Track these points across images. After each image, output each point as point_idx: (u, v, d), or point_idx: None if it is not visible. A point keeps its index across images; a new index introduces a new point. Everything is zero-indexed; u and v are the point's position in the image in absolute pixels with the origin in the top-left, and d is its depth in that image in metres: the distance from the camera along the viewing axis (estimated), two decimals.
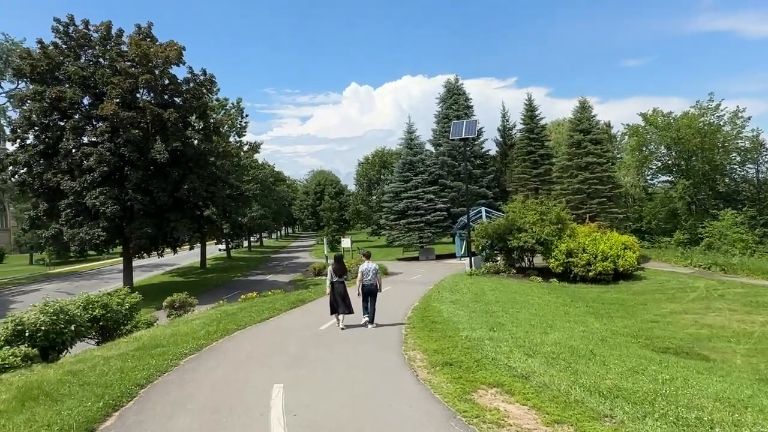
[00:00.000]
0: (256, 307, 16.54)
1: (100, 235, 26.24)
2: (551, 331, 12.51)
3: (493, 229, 31.14)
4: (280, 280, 37.78)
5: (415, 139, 50.59)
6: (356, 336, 11.41)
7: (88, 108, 28.92)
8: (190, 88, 30.30)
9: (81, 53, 29.40)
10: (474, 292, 20.11)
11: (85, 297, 12.99)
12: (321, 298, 20.02)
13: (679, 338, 15.83)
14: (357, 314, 12.63)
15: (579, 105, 41.46)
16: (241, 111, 48.20)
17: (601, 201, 38.14)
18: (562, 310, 18.56)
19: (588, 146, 39.08)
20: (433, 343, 10.09)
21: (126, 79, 27.12)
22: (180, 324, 13.58)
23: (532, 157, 48.75)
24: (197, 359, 9.29)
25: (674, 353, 13.62)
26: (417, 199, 46.97)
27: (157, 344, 10.36)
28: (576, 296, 24.04)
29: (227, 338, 11.48)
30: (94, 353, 10.11)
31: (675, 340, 15.42)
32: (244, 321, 13.54)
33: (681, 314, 20.51)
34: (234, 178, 37.29)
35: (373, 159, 71.92)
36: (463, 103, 52.50)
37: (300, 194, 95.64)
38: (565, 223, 31.25)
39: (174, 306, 16.58)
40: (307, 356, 9.32)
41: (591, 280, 29.13)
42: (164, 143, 27.20)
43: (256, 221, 56.77)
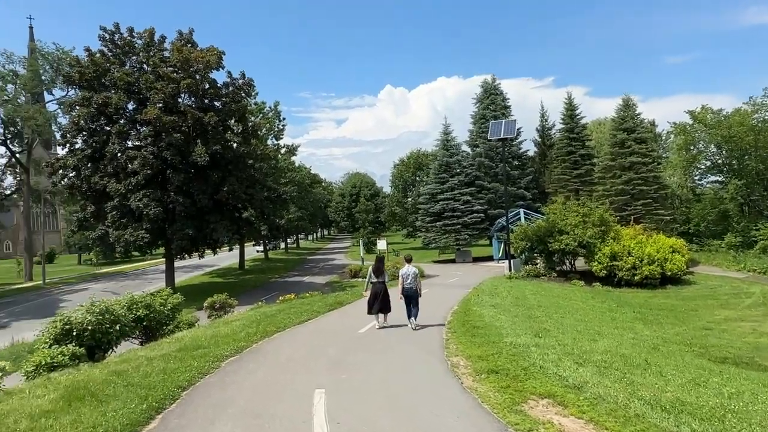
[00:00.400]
0: (295, 308, 16.53)
1: (143, 237, 26.94)
2: (599, 338, 11.96)
3: (533, 232, 30.38)
4: (316, 281, 37.95)
5: (452, 140, 50.09)
6: (396, 339, 11.18)
7: (132, 113, 29.79)
8: (229, 92, 30.83)
9: (126, 60, 30.33)
10: (515, 296, 19.56)
11: (129, 297, 13.23)
12: (359, 300, 19.92)
13: (737, 347, 14.93)
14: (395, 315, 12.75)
15: (622, 103, 40.14)
16: (278, 114, 48.86)
17: (647, 202, 36.78)
18: (608, 315, 17.83)
19: (632, 145, 37.76)
20: (476, 348, 9.75)
21: (168, 84, 27.79)
22: (220, 325, 13.66)
23: (573, 157, 47.52)
24: (238, 361, 9.25)
25: (733, 363, 12.83)
26: (453, 201, 46.45)
27: (199, 345, 10.39)
28: (622, 301, 23.13)
29: (267, 340, 11.44)
30: (138, 353, 10.21)
31: (732, 350, 14.55)
32: (283, 323, 13.50)
33: (736, 321, 19.42)
34: (271, 180, 37.73)
35: (409, 161, 71.63)
36: (500, 103, 51.71)
37: (336, 196, 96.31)
38: (609, 226, 30.20)
39: (214, 307, 16.76)
40: (347, 360, 9.15)
41: (636, 284, 28.06)
42: (204, 146, 27.72)
43: (293, 223, 57.34)
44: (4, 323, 26.37)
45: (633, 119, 39.17)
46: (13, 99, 43.85)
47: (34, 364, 9.46)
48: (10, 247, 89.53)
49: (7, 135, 45.43)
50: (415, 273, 12.70)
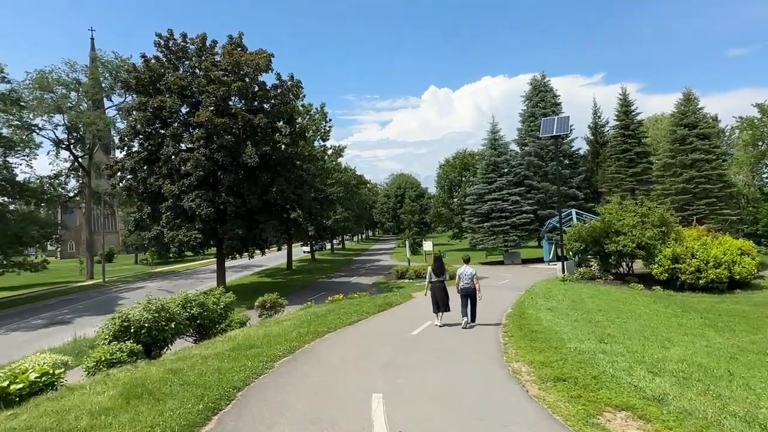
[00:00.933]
0: (344, 309, 16.38)
1: (196, 237, 27.60)
2: (670, 346, 11.13)
3: (587, 232, 29.17)
4: (363, 282, 37.88)
5: (499, 139, 48.98)
6: (451, 342, 10.78)
7: (185, 116, 30.60)
8: (277, 94, 31.20)
9: (179, 65, 31.20)
10: (571, 299, 18.72)
11: (183, 296, 13.40)
12: (408, 301, 19.61)
13: None
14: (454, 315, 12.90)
15: (683, 97, 38.05)
16: (324, 116, 49.22)
17: (710, 202, 34.69)
18: (674, 321, 16.73)
19: (694, 142, 35.72)
20: (537, 354, 9.23)
21: (219, 87, 28.36)
22: (271, 324, 13.64)
23: (628, 155, 45.47)
24: (291, 362, 9.09)
25: None
26: (502, 201, 45.39)
27: (252, 345, 10.33)
28: (686, 306, 21.74)
29: (318, 341, 11.27)
30: (192, 351, 10.25)
31: None
32: (333, 323, 13.34)
33: None
34: (318, 181, 37.95)
35: (454, 161, 70.66)
36: (550, 101, 50.22)
37: (380, 197, 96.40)
38: (670, 226, 28.61)
39: (265, 306, 16.83)
40: (402, 363, 8.82)
41: (701, 288, 26.41)
42: (254, 148, 28.10)
43: (340, 223, 57.64)
44: (67, 319, 27.59)
45: (694, 114, 37.04)
46: (75, 106, 46.15)
47: (95, 359, 9.63)
48: (74, 247, 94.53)
49: (71, 140, 47.87)
50: (471, 273, 12.87)
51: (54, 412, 6.11)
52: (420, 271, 35.22)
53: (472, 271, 12.95)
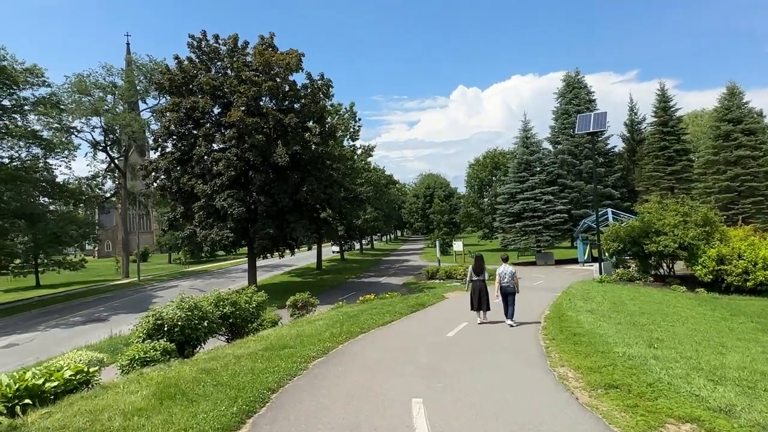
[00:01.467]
0: (376, 309, 16.09)
1: (228, 236, 27.78)
2: (726, 351, 10.43)
3: (625, 232, 28.16)
4: (393, 282, 37.57)
5: (531, 137, 47.97)
6: (489, 345, 10.35)
7: (217, 116, 30.88)
8: (308, 93, 31.16)
9: (211, 66, 31.52)
10: (611, 301, 17.97)
11: (216, 294, 13.32)
12: (441, 302, 19.21)
13: None
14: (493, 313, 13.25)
15: (726, 92, 36.46)
16: (353, 115, 49.10)
17: (757, 200, 33.12)
18: (724, 325, 15.83)
19: (739, 138, 34.18)
20: (583, 359, 8.73)
21: (251, 87, 28.48)
22: (303, 324, 13.44)
23: (666, 152, 43.90)
24: (325, 363, 8.82)
25: None
26: (534, 201, 44.46)
27: (285, 345, 10.13)
28: (734, 309, 20.65)
29: (352, 341, 11.00)
30: (225, 351, 10.11)
31: None
32: (366, 324, 13.07)
33: None
34: (348, 181, 37.83)
35: (485, 160, 69.68)
36: (584, 97, 48.96)
37: (409, 197, 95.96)
38: (714, 226, 27.35)
39: (297, 306, 16.68)
40: (440, 367, 8.45)
41: (748, 291, 25.10)
42: (285, 147, 28.12)
43: (369, 223, 57.47)
44: (104, 317, 28.14)
45: (739, 109, 35.43)
46: (112, 108, 47.24)
47: (129, 358, 9.56)
48: (110, 247, 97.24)
49: (107, 142, 49.03)
50: (512, 272, 13.19)
51: (87, 411, 5.98)
52: (450, 272, 34.77)
53: (512, 270, 13.23)
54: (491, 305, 13.55)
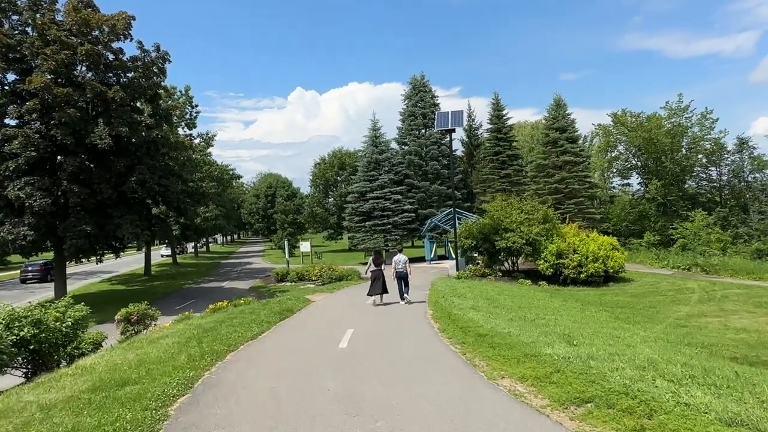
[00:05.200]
0: (236, 318, 13.25)
1: (26, 235, 21.65)
2: (633, 344, 10.07)
3: (478, 229, 28.92)
4: (238, 287, 33.97)
5: (381, 137, 47.91)
6: (396, 356, 8.50)
7: (12, 84, 24.26)
8: (138, 66, 26.05)
9: (4, 20, 24.68)
10: (483, 297, 17.56)
11: (7, 311, 9.31)
12: (309, 306, 16.97)
13: (731, 346, 13.90)
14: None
15: (554, 103, 40.26)
16: (190, 100, 43.63)
17: (579, 201, 36.97)
18: (587, 316, 16.33)
19: (564, 144, 37.92)
20: (517, 365, 7.43)
21: (61, 50, 22.75)
22: (144, 345, 10.13)
23: (500, 157, 47.21)
24: (194, 407, 6.05)
25: (748, 363, 11.60)
26: (384, 200, 44.30)
27: (123, 379, 7.05)
28: (579, 299, 22.09)
29: (221, 365, 8.26)
30: (23, 397, 6.67)
31: (731, 348, 13.48)
32: (231, 338, 10.30)
33: (701, 317, 18.87)
34: (187, 173, 33.11)
35: (331, 159, 68.50)
36: (429, 101, 50.52)
37: (249, 197, 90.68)
38: (553, 223, 29.50)
39: (130, 320, 12.91)
40: (359, 393, 6.33)
41: (582, 282, 27.45)
42: (108, 127, 23.02)
43: (211, 222, 51.94)
44: None
45: (564, 119, 39.43)
46: None
47: None
48: None
49: None
50: (405, 260, 15.99)
51: None
52: (303, 273, 32.64)
53: (405, 258, 16.02)
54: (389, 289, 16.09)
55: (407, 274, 15.76)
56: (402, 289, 15.85)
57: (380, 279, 15.60)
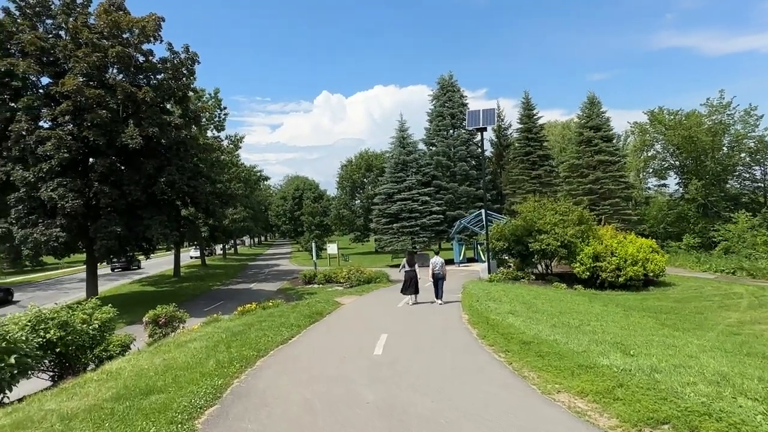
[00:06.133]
0: (266, 322, 12.82)
1: (58, 236, 21.77)
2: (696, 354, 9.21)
3: (510, 231, 28.00)
4: (266, 289, 33.78)
5: (408, 138, 47.28)
6: (437, 365, 7.89)
7: (46, 87, 24.53)
8: (168, 67, 26.06)
9: (38, 23, 25.01)
10: (520, 302, 16.77)
11: (34, 313, 9.04)
12: (339, 310, 16.47)
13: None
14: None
15: (587, 101, 38.98)
16: (219, 103, 43.86)
17: (614, 202, 35.62)
18: (633, 322, 15.36)
19: (599, 143, 36.63)
20: (573, 378, 6.76)
21: (93, 52, 22.87)
22: (172, 348, 9.76)
23: (531, 158, 46.06)
24: (222, 418, 5.58)
25: None
26: (411, 201, 43.61)
27: (149, 387, 6.63)
28: (620, 304, 21.04)
29: (251, 372, 7.80)
30: (45, 405, 6.30)
31: None
32: (260, 343, 9.85)
33: (755, 324, 17.67)
34: (215, 174, 33.11)
35: (358, 161, 68.17)
36: (458, 101, 49.57)
37: (276, 199, 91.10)
38: (589, 225, 28.40)
39: (158, 322, 12.62)
40: (401, 406, 5.75)
41: (620, 286, 26.30)
42: (138, 128, 23.03)
43: (239, 224, 52.07)
44: None
45: (599, 117, 38.12)
46: None
47: None
48: None
49: None
50: (441, 262, 16.58)
51: None
52: (330, 275, 32.29)
53: (442, 260, 16.64)
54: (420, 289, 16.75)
55: (444, 276, 16.48)
56: (438, 289, 16.50)
57: (413, 279, 16.23)
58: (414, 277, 16.27)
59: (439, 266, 16.39)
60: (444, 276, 16.53)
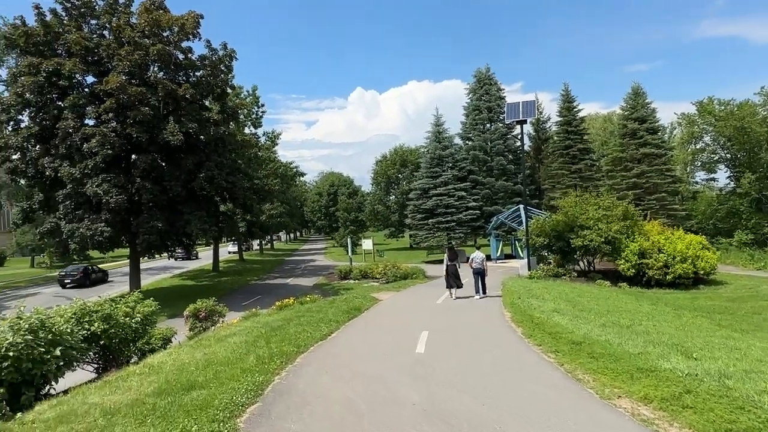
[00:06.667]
0: (304, 317, 12.70)
1: (103, 231, 22.35)
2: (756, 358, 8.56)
3: (550, 227, 27.20)
4: (302, 284, 33.92)
5: (444, 132, 46.64)
6: (482, 363, 7.53)
7: (91, 86, 25.19)
8: (206, 64, 26.38)
9: (83, 24, 25.68)
10: (564, 300, 16.16)
11: (79, 305, 9.14)
12: (376, 306, 16.24)
13: None
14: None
15: (631, 92, 37.44)
16: (257, 100, 44.32)
17: (661, 196, 34.12)
18: (687, 323, 14.56)
19: (644, 136, 35.16)
20: (633, 383, 6.31)
21: (134, 51, 23.33)
22: (212, 343, 9.72)
23: (571, 151, 44.71)
24: (264, 417, 5.38)
25: None
26: (447, 196, 43.05)
27: (189, 383, 6.52)
28: (669, 304, 20.08)
29: (291, 368, 7.63)
30: (88, 398, 6.28)
31: None
32: (300, 339, 9.70)
33: None
34: (252, 170, 33.41)
35: (393, 156, 67.85)
36: (495, 94, 48.61)
37: (312, 195, 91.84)
38: (635, 220, 27.29)
39: (198, 316, 12.69)
40: (449, 409, 5.44)
41: (668, 284, 25.18)
42: (178, 124, 23.39)
43: (275, 219, 52.60)
44: None
45: (644, 108, 36.54)
46: None
47: None
48: None
49: None
50: (482, 257, 16.89)
51: None
52: (366, 271, 32.14)
53: (482, 256, 16.98)
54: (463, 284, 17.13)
55: (484, 270, 16.79)
56: (478, 283, 16.80)
57: (455, 273, 16.58)
58: (456, 270, 16.57)
59: (480, 261, 16.61)
60: (485, 271, 16.82)
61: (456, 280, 16.60)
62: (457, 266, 16.83)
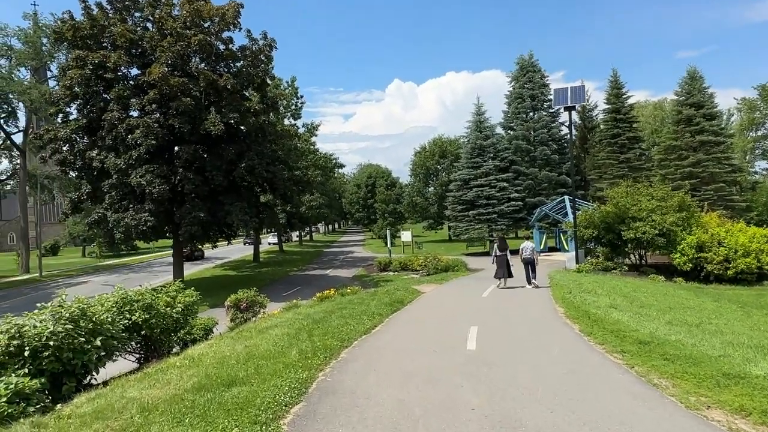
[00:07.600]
0: (346, 309, 12.27)
1: (147, 220, 22.65)
2: None
3: (600, 218, 25.93)
4: (341, 275, 33.77)
5: (485, 121, 45.43)
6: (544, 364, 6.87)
7: (135, 78, 25.54)
8: (247, 55, 26.32)
9: (127, 16, 26.03)
10: (619, 295, 15.19)
11: (120, 294, 8.97)
12: (420, 298, 15.68)
13: None
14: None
15: (687, 76, 35.28)
16: (295, 91, 44.33)
17: (719, 186, 32.06)
18: (761, 322, 13.40)
19: (701, 122, 33.07)
20: (720, 391, 5.59)
21: (176, 42, 23.44)
22: (253, 335, 9.41)
23: (619, 140, 42.65)
24: (310, 419, 4.93)
25: None
26: (489, 188, 41.97)
27: (230, 378, 6.16)
28: (732, 300, 18.70)
29: (334, 364, 7.18)
30: (126, 392, 6.00)
31: None
32: (343, 332, 9.26)
33: None
34: (292, 161, 33.36)
35: (432, 147, 66.86)
36: (538, 81, 47.00)
37: (350, 186, 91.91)
38: (691, 212, 25.68)
39: (240, 307, 12.48)
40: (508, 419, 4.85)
41: (728, 279, 23.57)
42: (219, 115, 23.41)
43: (315, 210, 52.75)
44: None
45: (700, 93, 34.37)
46: (6, 74, 39.65)
47: None
48: (14, 239, 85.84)
49: (0, 114, 41.29)
50: (532, 247, 17.32)
51: None
52: (406, 263, 31.72)
53: (532, 246, 17.44)
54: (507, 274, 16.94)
55: (534, 260, 17.15)
56: (529, 273, 17.10)
57: (505, 263, 16.73)
58: (505, 260, 16.75)
59: (530, 251, 16.96)
60: (536, 260, 17.28)
61: (507, 270, 16.73)
62: (508, 256, 16.91)
